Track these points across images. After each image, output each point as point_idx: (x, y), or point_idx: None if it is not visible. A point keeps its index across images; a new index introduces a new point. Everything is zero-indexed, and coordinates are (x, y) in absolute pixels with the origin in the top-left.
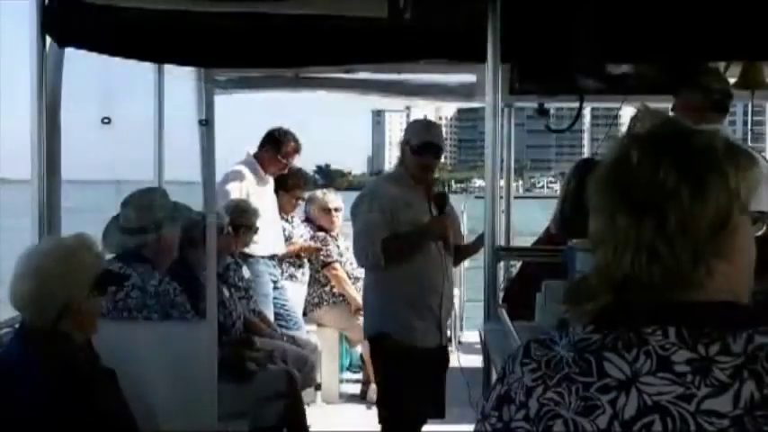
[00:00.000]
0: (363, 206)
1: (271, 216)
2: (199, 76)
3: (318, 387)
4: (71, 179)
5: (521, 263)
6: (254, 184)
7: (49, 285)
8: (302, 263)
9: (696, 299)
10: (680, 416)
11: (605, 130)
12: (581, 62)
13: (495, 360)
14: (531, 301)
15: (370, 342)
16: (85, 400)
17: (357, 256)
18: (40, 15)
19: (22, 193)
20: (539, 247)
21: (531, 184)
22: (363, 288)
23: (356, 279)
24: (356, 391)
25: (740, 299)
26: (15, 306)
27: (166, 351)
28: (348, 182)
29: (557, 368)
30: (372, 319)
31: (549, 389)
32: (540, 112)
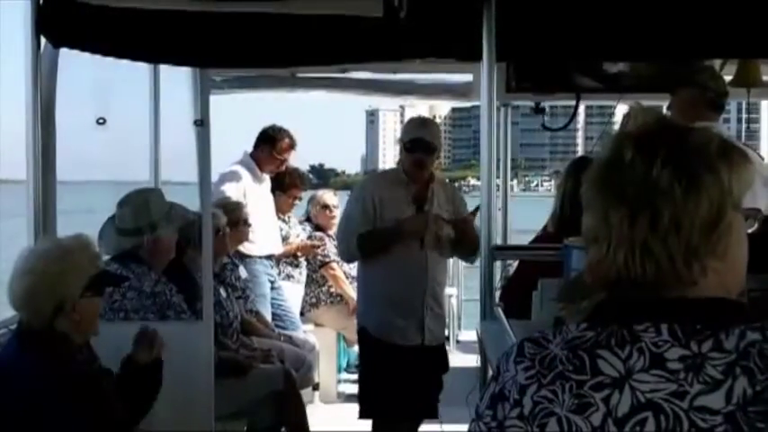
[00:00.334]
0: (350, 201)
1: (268, 216)
2: (194, 76)
3: (316, 387)
4: (66, 180)
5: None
6: (250, 184)
7: (44, 284)
8: (299, 262)
9: (689, 296)
10: (673, 413)
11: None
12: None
13: (492, 359)
14: (529, 299)
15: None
16: (82, 401)
17: (338, 250)
18: (34, 16)
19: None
20: (535, 245)
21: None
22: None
23: (353, 279)
24: (354, 390)
25: (733, 296)
26: (13, 306)
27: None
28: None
29: (550, 366)
30: (357, 315)
31: (543, 387)
32: (537, 111)
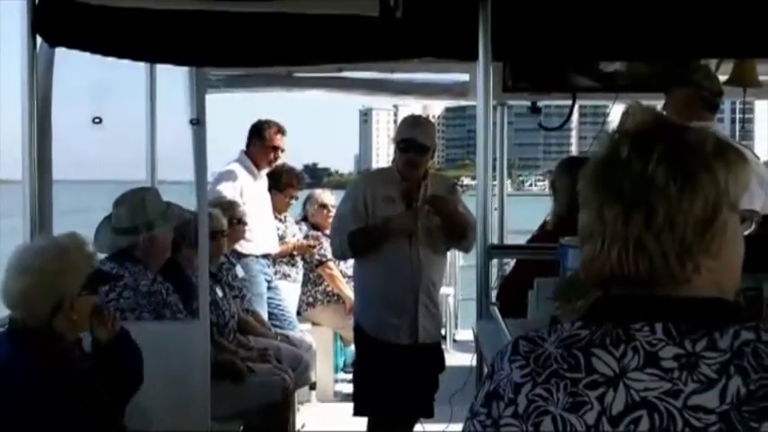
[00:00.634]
0: (343, 199)
1: (265, 215)
2: (190, 74)
3: (313, 386)
4: (63, 179)
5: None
6: (247, 183)
7: (41, 283)
8: (295, 262)
9: (682, 294)
10: (667, 411)
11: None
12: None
13: (488, 358)
14: (525, 298)
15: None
16: (78, 400)
17: (330, 247)
18: (30, 15)
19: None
20: (532, 244)
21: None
22: None
23: (350, 278)
24: (351, 390)
25: (727, 295)
26: (7, 305)
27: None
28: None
29: (545, 364)
30: (354, 313)
31: (538, 385)
32: (534, 110)
